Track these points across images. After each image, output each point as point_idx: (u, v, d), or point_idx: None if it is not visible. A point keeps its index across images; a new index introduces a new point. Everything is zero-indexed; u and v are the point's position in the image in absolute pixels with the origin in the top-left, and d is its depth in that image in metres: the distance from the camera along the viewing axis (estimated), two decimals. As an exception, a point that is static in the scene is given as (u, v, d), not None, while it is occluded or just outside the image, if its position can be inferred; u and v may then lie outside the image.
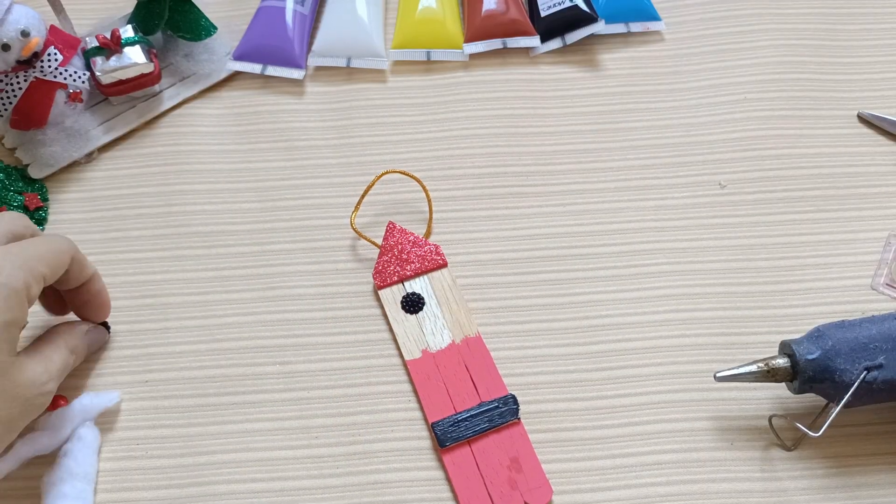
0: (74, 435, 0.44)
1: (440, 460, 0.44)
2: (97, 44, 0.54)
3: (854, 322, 0.40)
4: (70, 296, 0.45)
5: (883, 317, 0.40)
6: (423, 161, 0.55)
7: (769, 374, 0.40)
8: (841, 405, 0.38)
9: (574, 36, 0.60)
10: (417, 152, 0.55)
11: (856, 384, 0.38)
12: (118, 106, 0.57)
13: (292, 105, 0.58)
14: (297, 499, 0.43)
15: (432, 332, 0.47)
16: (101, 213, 0.53)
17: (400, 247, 0.50)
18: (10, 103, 0.52)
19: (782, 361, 0.40)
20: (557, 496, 0.43)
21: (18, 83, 0.51)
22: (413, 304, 0.48)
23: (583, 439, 0.45)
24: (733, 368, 0.41)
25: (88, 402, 0.44)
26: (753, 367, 0.40)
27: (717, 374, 0.41)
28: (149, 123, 0.57)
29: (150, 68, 0.55)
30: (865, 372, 0.38)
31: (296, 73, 0.59)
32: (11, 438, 0.40)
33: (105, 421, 0.45)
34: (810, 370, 0.39)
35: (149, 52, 0.56)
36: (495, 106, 0.58)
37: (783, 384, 0.42)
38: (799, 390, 0.40)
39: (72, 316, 0.47)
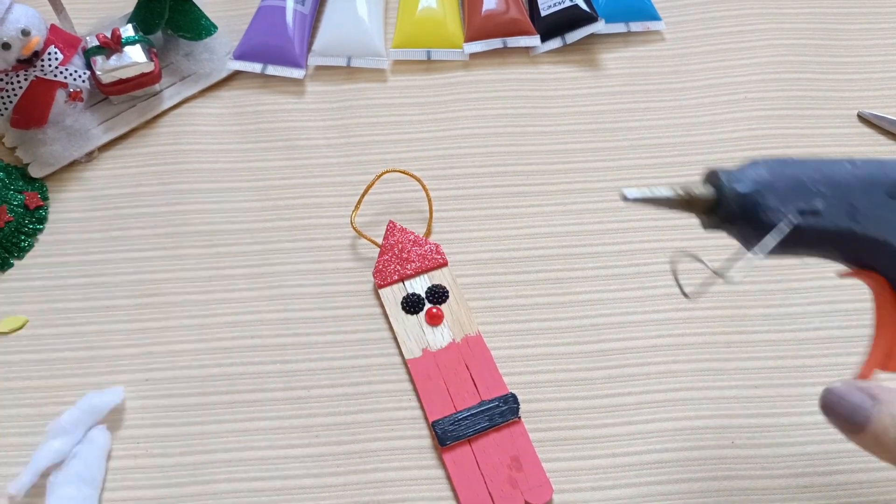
0: (86, 437, 0.44)
1: (440, 459, 0.44)
2: (97, 43, 0.54)
3: (795, 159, 0.33)
4: None
5: (827, 160, 0.33)
6: (424, 160, 0.55)
7: (686, 203, 0.33)
8: (762, 248, 0.32)
9: (574, 35, 0.60)
10: (418, 151, 0.55)
11: (784, 227, 0.31)
12: (118, 105, 0.57)
13: (292, 104, 0.58)
14: (297, 497, 0.43)
15: (433, 330, 0.47)
16: (102, 212, 0.53)
17: (400, 246, 0.50)
18: (11, 102, 0.52)
19: (705, 190, 0.33)
20: (558, 495, 0.43)
21: (19, 82, 0.51)
22: (414, 304, 0.48)
23: (583, 438, 0.45)
24: (647, 190, 0.33)
25: (97, 400, 0.44)
26: (670, 192, 0.33)
27: (628, 194, 0.33)
28: (149, 122, 0.57)
29: (150, 67, 0.55)
30: (798, 214, 0.31)
31: (296, 73, 0.59)
32: None
33: (105, 420, 0.45)
34: (735, 203, 0.32)
35: (149, 51, 0.56)
36: (495, 105, 0.58)
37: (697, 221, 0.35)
38: (715, 225, 0.33)
39: None
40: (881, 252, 0.32)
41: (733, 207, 0.32)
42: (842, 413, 0.31)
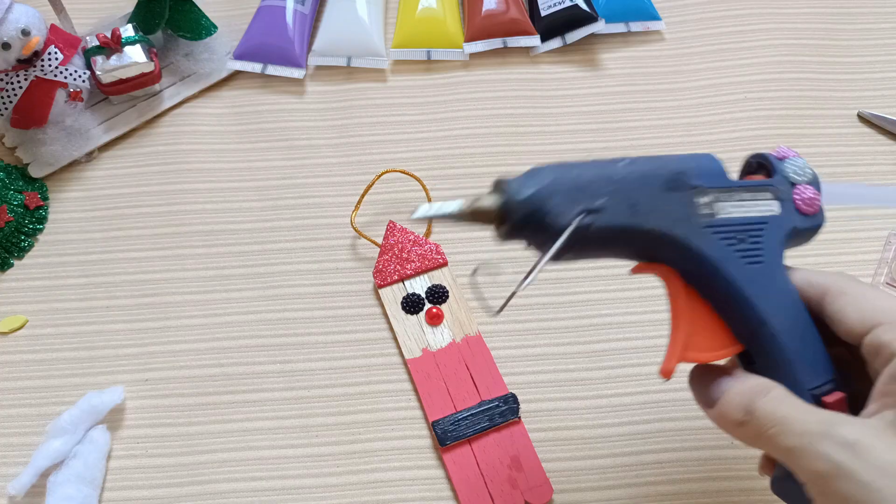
0: (86, 437, 0.44)
1: (440, 459, 0.44)
2: (97, 43, 0.54)
3: (572, 163, 0.34)
4: None
5: (603, 161, 0.34)
6: (424, 160, 0.55)
7: (475, 215, 0.32)
8: (551, 253, 0.32)
9: (574, 35, 0.60)
10: (418, 151, 0.55)
11: (570, 228, 0.31)
12: (118, 105, 0.57)
13: (293, 104, 0.58)
14: (297, 497, 0.43)
15: (433, 330, 0.47)
16: (102, 211, 0.53)
17: (400, 246, 0.50)
18: (11, 102, 0.52)
19: (491, 201, 0.32)
20: (558, 495, 0.43)
21: (19, 82, 0.51)
22: (414, 304, 0.48)
23: (583, 438, 0.45)
24: (435, 206, 0.33)
25: (97, 400, 0.44)
26: (457, 207, 0.33)
27: (414, 214, 0.33)
28: (149, 122, 0.57)
29: (150, 67, 0.55)
30: (583, 214, 0.32)
31: (296, 73, 0.59)
32: None
33: (105, 419, 0.45)
34: (521, 210, 0.32)
35: (149, 51, 0.56)
36: (495, 105, 0.58)
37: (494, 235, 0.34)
38: (507, 236, 0.33)
39: None
40: (664, 243, 0.33)
41: (520, 214, 0.32)
42: (702, 388, 0.33)
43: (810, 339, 0.33)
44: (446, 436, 0.44)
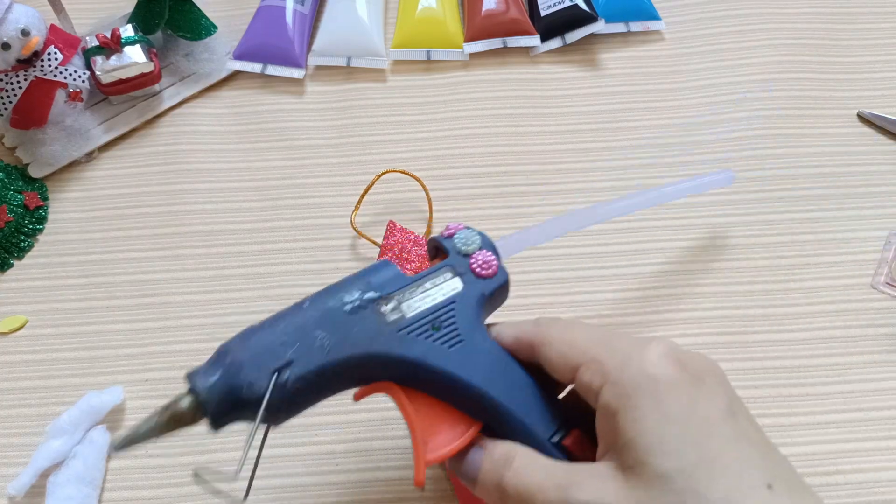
0: (86, 437, 0.44)
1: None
2: (97, 43, 0.54)
3: (257, 326, 0.34)
4: None
5: (287, 309, 0.34)
6: (424, 160, 0.55)
7: (175, 422, 0.31)
8: (258, 422, 0.31)
9: (574, 35, 0.60)
10: (417, 151, 0.55)
11: (267, 394, 0.31)
12: (118, 105, 0.57)
13: (292, 104, 0.58)
14: (296, 495, 0.43)
15: (432, 330, 0.47)
16: (102, 212, 0.53)
17: (400, 246, 0.50)
18: (11, 102, 0.52)
19: (185, 401, 0.31)
20: (558, 495, 0.43)
21: (18, 82, 0.51)
22: None
23: (583, 438, 0.45)
24: (130, 430, 0.31)
25: (97, 400, 0.44)
26: (153, 422, 0.31)
27: (115, 447, 0.31)
28: (149, 123, 0.57)
29: (150, 67, 0.55)
30: (275, 375, 0.31)
31: (296, 73, 0.59)
32: None
33: (105, 420, 0.45)
34: (215, 399, 0.31)
35: (149, 51, 0.56)
36: (495, 105, 0.58)
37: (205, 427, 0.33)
38: (216, 426, 0.32)
39: None
40: (367, 363, 0.33)
41: (215, 402, 0.31)
42: (460, 467, 0.33)
43: (532, 394, 0.33)
44: (446, 436, 0.43)
